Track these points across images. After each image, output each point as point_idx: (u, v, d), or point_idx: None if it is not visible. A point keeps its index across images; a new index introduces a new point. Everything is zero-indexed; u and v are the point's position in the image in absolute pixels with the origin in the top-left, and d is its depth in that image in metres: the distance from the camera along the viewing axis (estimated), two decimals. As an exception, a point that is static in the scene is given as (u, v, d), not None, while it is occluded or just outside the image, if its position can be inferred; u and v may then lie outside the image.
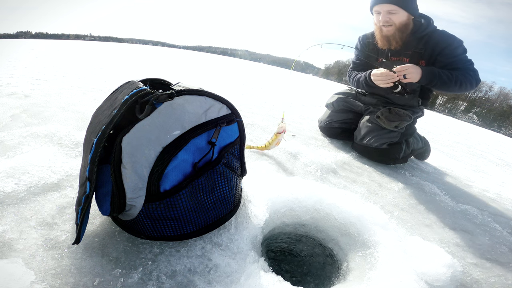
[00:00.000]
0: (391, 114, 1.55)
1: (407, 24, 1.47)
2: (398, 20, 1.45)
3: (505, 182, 2.07)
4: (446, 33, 1.48)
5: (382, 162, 1.60)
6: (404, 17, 1.45)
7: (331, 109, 1.88)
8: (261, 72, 9.37)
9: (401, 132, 1.57)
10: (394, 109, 1.57)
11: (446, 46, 1.45)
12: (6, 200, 0.68)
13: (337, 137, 1.89)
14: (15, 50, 6.60)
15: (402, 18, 1.45)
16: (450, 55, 1.45)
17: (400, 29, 1.47)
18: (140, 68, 4.89)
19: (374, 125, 1.58)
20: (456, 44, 1.45)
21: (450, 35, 1.47)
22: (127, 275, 0.55)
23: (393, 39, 1.52)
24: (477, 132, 7.40)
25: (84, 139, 0.63)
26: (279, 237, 0.90)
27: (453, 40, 1.45)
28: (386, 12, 1.44)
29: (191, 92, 0.58)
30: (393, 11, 1.43)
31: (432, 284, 0.68)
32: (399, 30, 1.48)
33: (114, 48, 11.79)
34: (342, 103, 1.81)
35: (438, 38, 1.47)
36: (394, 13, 1.44)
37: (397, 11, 1.43)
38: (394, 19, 1.45)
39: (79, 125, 1.28)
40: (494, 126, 46.75)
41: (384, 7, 1.43)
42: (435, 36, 1.48)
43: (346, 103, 1.80)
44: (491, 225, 1.17)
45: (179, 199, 0.60)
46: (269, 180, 0.93)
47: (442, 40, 1.46)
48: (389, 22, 1.46)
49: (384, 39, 1.55)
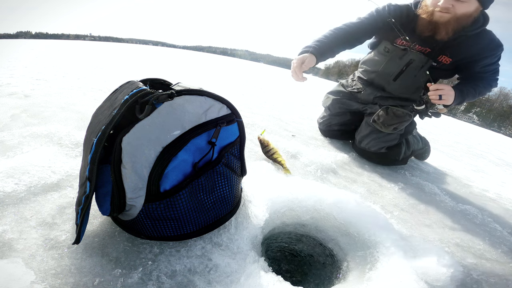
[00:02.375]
0: (388, 116, 1.42)
1: (470, 16, 1.21)
2: (461, 9, 1.18)
3: (505, 182, 2.07)
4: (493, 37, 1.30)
5: (381, 164, 1.59)
6: (471, 8, 1.18)
7: (327, 112, 1.80)
8: (261, 72, 9.37)
9: (400, 134, 1.50)
10: (391, 109, 1.43)
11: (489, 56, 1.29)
12: (6, 200, 0.68)
13: (337, 138, 1.86)
14: (15, 50, 6.60)
15: (468, 9, 1.18)
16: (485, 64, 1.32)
17: (459, 19, 1.21)
18: (140, 68, 4.88)
19: (373, 127, 1.52)
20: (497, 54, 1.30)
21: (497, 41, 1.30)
22: (127, 275, 0.55)
23: (444, 28, 1.25)
24: (477, 132, 7.40)
25: (84, 139, 0.63)
26: (279, 237, 0.90)
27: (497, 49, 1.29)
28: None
29: (191, 92, 0.58)
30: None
31: (432, 284, 0.68)
32: (457, 20, 1.22)
33: (114, 48, 11.79)
34: (338, 105, 1.71)
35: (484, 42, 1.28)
36: (463, 1, 1.16)
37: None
38: (458, 7, 1.18)
39: (79, 125, 1.28)
40: (494, 126, 46.77)
41: None
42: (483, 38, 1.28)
43: (342, 105, 1.70)
44: (491, 225, 1.17)
45: (179, 199, 0.60)
46: (269, 180, 0.93)
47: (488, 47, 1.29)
48: (449, 10, 1.19)
49: (430, 25, 1.28)
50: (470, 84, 1.34)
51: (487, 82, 1.36)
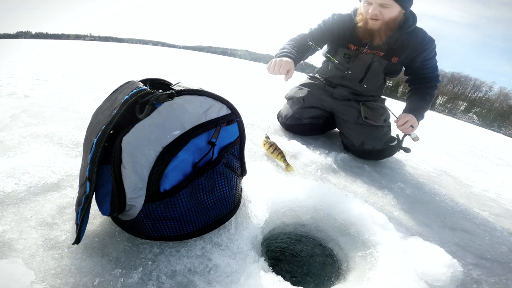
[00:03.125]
0: (370, 110, 1.53)
1: (397, 19, 1.36)
2: (388, 15, 1.32)
3: (505, 182, 2.07)
4: (425, 34, 1.45)
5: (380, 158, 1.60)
6: (395, 13, 1.33)
7: (299, 105, 1.70)
8: (261, 72, 9.37)
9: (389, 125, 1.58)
10: (367, 104, 1.55)
11: (424, 50, 1.44)
12: (6, 200, 0.68)
13: (306, 133, 1.77)
14: (15, 50, 6.60)
15: (393, 13, 1.32)
16: (424, 59, 1.46)
17: (388, 24, 1.36)
18: (140, 68, 4.88)
19: (367, 127, 1.52)
20: (431, 48, 1.44)
21: (428, 37, 1.45)
22: (127, 275, 0.55)
23: (378, 34, 1.40)
24: (477, 132, 7.40)
25: (84, 139, 0.63)
26: (279, 237, 0.90)
27: (431, 43, 1.44)
28: (378, 5, 1.30)
29: (191, 92, 0.58)
30: (386, 5, 1.29)
31: (432, 284, 0.68)
32: (387, 25, 1.37)
33: (114, 48, 11.79)
34: (313, 100, 1.66)
35: (418, 38, 1.43)
36: (386, 7, 1.30)
37: (390, 5, 1.29)
38: (385, 13, 1.32)
39: (79, 125, 1.28)
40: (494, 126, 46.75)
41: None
42: (417, 35, 1.43)
43: (316, 99, 1.66)
44: (491, 225, 1.17)
45: (179, 199, 0.60)
46: (269, 180, 0.93)
47: (422, 43, 1.43)
48: (378, 16, 1.33)
49: (366, 32, 1.43)
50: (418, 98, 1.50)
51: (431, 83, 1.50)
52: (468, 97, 59.96)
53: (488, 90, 59.52)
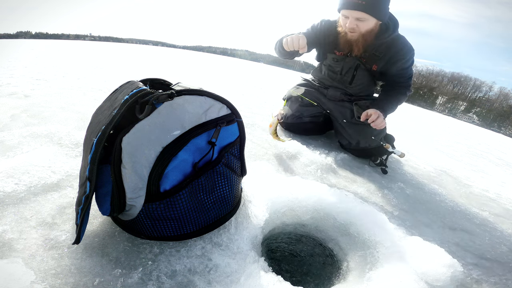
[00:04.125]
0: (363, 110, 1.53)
1: (373, 30, 1.41)
2: (365, 27, 1.38)
3: (505, 182, 2.07)
4: (405, 43, 1.46)
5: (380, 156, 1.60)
6: (372, 25, 1.38)
7: (297, 103, 1.73)
8: (261, 72, 9.37)
9: None
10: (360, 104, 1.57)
11: (401, 59, 1.45)
12: (6, 200, 0.68)
13: (306, 133, 1.78)
14: (15, 50, 6.60)
15: (370, 26, 1.38)
16: (400, 68, 1.48)
17: (365, 36, 1.42)
18: (140, 68, 4.88)
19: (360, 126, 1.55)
20: (408, 57, 1.46)
21: (408, 45, 1.46)
22: (127, 275, 0.55)
23: (356, 46, 1.46)
24: (477, 132, 7.40)
25: (84, 139, 0.63)
26: (279, 237, 0.90)
27: (408, 53, 1.45)
28: (355, 19, 1.35)
29: (191, 92, 0.58)
30: (362, 19, 1.34)
31: (432, 284, 0.68)
32: (363, 37, 1.42)
33: (114, 48, 11.79)
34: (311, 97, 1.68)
35: (397, 48, 1.45)
36: (362, 21, 1.35)
37: (366, 18, 1.33)
38: (361, 26, 1.37)
39: (79, 125, 1.28)
40: (494, 126, 46.74)
41: (353, 13, 1.33)
42: (395, 45, 1.45)
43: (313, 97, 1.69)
44: (491, 225, 1.17)
45: (179, 199, 0.60)
46: (269, 180, 0.93)
47: (400, 52, 1.45)
48: (355, 29, 1.39)
49: (346, 43, 1.49)
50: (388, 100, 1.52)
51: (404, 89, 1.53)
52: (468, 97, 59.95)
53: (488, 90, 59.55)
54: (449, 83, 62.18)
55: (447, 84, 62.03)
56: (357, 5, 1.30)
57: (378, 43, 1.46)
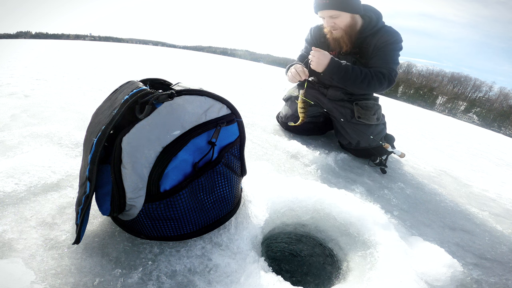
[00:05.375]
0: (364, 109, 1.54)
1: (354, 24, 1.43)
2: (342, 23, 1.41)
3: (505, 182, 2.07)
4: (391, 30, 1.45)
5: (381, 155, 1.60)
6: (348, 19, 1.40)
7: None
8: (261, 72, 9.37)
9: (384, 122, 1.60)
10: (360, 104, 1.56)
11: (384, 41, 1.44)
12: (6, 200, 0.68)
13: (306, 133, 1.79)
14: (15, 50, 6.60)
15: (346, 20, 1.41)
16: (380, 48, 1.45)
17: (347, 31, 1.44)
18: (140, 68, 4.88)
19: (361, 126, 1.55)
20: (392, 40, 1.43)
21: (394, 32, 1.45)
22: (127, 275, 0.55)
23: (343, 41, 1.49)
24: (477, 132, 7.40)
25: (84, 139, 0.63)
26: (279, 237, 0.90)
27: (393, 37, 1.43)
28: (329, 17, 1.40)
29: (191, 92, 0.58)
30: (335, 16, 1.38)
31: (432, 284, 0.68)
32: (346, 32, 1.45)
33: (114, 48, 11.79)
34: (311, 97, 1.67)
35: (381, 34, 1.44)
36: (336, 17, 1.39)
37: (338, 14, 1.37)
38: (338, 22, 1.41)
39: (79, 125, 1.28)
40: (494, 126, 46.75)
41: (324, 13, 1.38)
42: (380, 33, 1.45)
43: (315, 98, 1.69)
44: (491, 225, 1.17)
45: (179, 199, 0.60)
46: (269, 180, 0.93)
47: (384, 38, 1.43)
48: (334, 27, 1.43)
49: (335, 42, 1.52)
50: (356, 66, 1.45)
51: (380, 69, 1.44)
52: (468, 97, 59.96)
53: (488, 90, 59.53)
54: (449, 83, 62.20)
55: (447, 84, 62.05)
56: (324, 5, 1.35)
57: (364, 36, 1.47)
